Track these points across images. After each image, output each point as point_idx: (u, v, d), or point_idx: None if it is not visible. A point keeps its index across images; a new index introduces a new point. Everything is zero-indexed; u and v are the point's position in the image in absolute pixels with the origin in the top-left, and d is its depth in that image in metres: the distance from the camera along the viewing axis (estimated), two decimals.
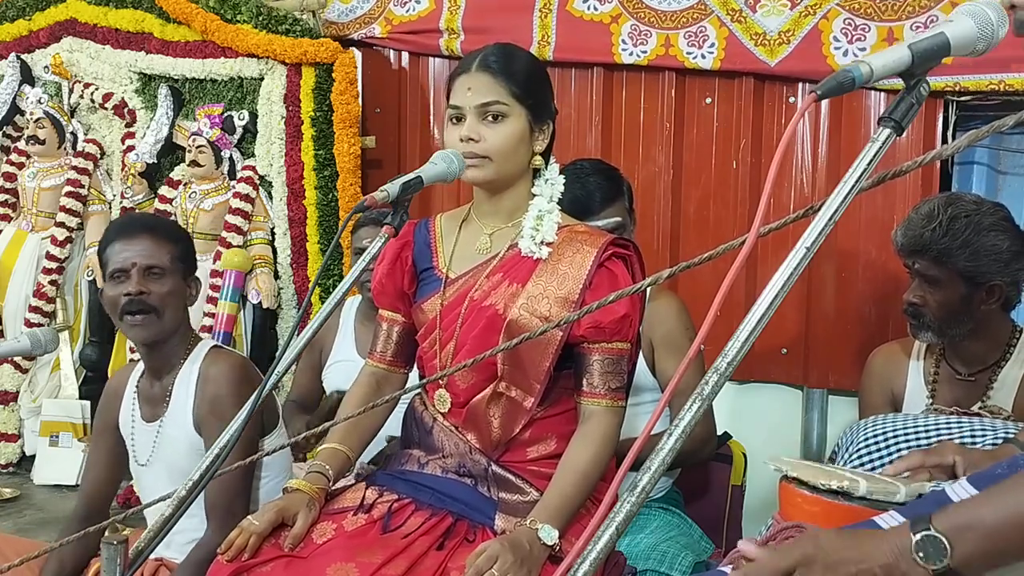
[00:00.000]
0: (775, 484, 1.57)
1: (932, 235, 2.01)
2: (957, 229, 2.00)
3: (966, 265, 2.01)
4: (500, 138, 1.71)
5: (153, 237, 2.11)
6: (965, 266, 2.01)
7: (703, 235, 3.23)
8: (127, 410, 2.21)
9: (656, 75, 3.24)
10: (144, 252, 2.09)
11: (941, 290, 2.05)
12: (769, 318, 0.96)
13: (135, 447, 2.19)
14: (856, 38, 2.92)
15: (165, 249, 2.11)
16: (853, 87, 1.02)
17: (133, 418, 2.19)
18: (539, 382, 1.72)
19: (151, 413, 2.17)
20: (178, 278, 2.13)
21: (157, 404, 2.16)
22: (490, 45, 1.79)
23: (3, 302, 4.10)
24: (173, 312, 2.12)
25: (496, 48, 1.77)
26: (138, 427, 2.18)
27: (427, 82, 3.69)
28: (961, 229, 2.00)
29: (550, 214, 1.76)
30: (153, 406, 2.17)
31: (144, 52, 3.91)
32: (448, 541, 1.65)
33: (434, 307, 1.79)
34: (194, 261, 2.22)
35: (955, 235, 2.00)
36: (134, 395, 2.21)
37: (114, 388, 2.27)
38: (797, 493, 1.49)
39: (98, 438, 2.28)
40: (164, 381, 2.16)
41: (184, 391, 2.12)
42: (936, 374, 2.20)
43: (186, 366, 2.14)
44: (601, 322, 1.69)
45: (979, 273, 2.02)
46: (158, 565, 2.06)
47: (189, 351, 2.16)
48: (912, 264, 2.08)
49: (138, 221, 2.28)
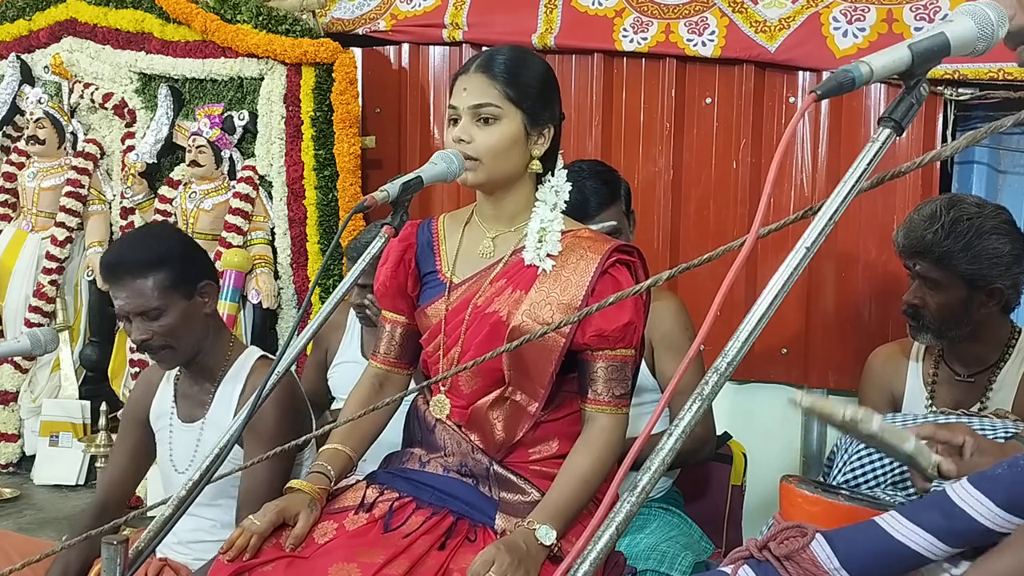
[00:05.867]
0: (775, 484, 1.58)
1: (934, 237, 2.00)
2: (959, 232, 1.99)
3: (967, 268, 1.99)
4: (490, 140, 1.69)
5: (134, 278, 1.98)
6: (966, 269, 2.00)
7: (703, 235, 3.23)
8: (163, 405, 2.16)
9: (656, 64, 3.25)
10: (131, 298, 1.99)
11: (941, 292, 2.04)
12: (769, 318, 0.96)
13: (172, 450, 2.13)
14: (856, 18, 2.94)
15: (149, 286, 1.98)
16: (853, 87, 1.02)
17: (171, 415, 2.14)
18: (544, 387, 1.71)
19: (189, 413, 2.12)
20: (178, 303, 2.01)
21: (197, 406, 2.11)
22: (497, 47, 1.77)
23: (3, 302, 4.11)
24: (189, 334, 2.04)
25: (502, 50, 1.75)
26: (176, 427, 2.13)
27: (427, 82, 3.69)
28: (963, 232, 1.99)
29: (553, 224, 1.73)
30: (192, 407, 2.12)
31: (144, 52, 3.92)
32: (449, 541, 1.65)
33: (438, 312, 1.79)
34: (195, 269, 2.07)
35: (957, 238, 1.99)
36: (172, 391, 2.16)
37: (148, 380, 2.21)
38: (797, 493, 1.49)
39: (126, 431, 2.23)
40: (206, 384, 2.11)
41: (227, 399, 2.07)
42: (935, 375, 2.19)
43: (231, 374, 2.09)
44: (605, 330, 1.68)
45: (980, 276, 2.00)
46: (162, 565, 2.05)
47: (232, 357, 2.11)
48: (913, 265, 2.07)
49: (116, 262, 2.04)
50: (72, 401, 3.95)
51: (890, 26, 2.91)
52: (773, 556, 1.27)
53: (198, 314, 2.06)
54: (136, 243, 2.08)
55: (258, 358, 2.13)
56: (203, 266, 2.11)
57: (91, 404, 3.85)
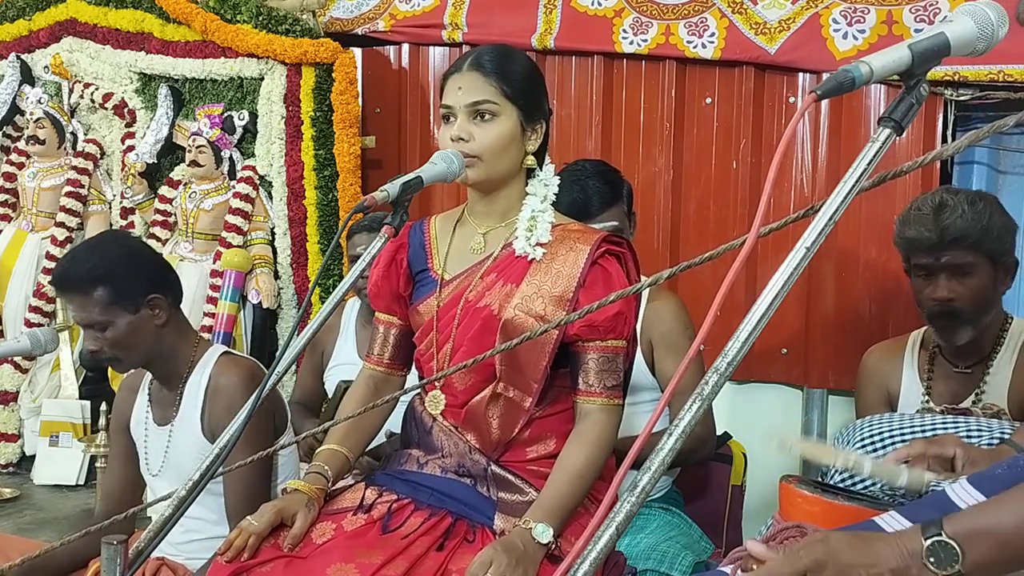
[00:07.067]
0: (775, 484, 1.57)
1: (964, 222, 2.02)
2: (980, 211, 2.03)
3: (991, 246, 2.04)
4: (490, 138, 1.70)
5: (78, 292, 2.01)
6: (991, 247, 2.04)
7: (703, 235, 3.23)
8: (140, 411, 2.19)
9: (656, 66, 3.25)
10: (77, 311, 2.02)
11: (974, 277, 2.05)
12: (769, 318, 0.96)
13: (147, 454, 2.16)
14: (856, 20, 2.94)
15: (93, 301, 1.99)
16: (853, 87, 1.02)
17: (146, 420, 2.17)
18: (537, 382, 1.72)
19: (162, 416, 2.16)
20: (124, 317, 2.02)
21: (167, 408, 2.14)
22: (484, 46, 1.78)
23: (3, 302, 4.11)
24: (137, 345, 2.05)
25: (489, 48, 1.76)
26: (151, 430, 2.16)
27: (427, 82, 3.69)
28: (982, 211, 2.03)
29: (544, 214, 1.75)
30: (164, 409, 2.15)
31: (144, 52, 3.92)
32: (448, 541, 1.65)
33: (430, 309, 1.79)
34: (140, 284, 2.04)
35: (979, 218, 2.03)
36: (147, 396, 2.19)
37: (128, 386, 2.24)
38: (797, 493, 1.49)
39: (114, 438, 2.26)
40: (173, 386, 2.14)
41: (193, 398, 2.10)
42: (931, 370, 2.20)
43: (195, 373, 2.12)
44: (595, 320, 1.68)
45: (1000, 252, 2.06)
46: (159, 564, 2.05)
47: (195, 357, 2.13)
48: (936, 260, 2.06)
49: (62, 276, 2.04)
50: (72, 401, 3.95)
51: (890, 28, 2.91)
52: None
53: (147, 326, 2.06)
54: (81, 257, 2.06)
55: (221, 354, 2.15)
56: (150, 280, 2.09)
57: (91, 404, 3.84)
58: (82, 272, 2.02)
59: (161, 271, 2.15)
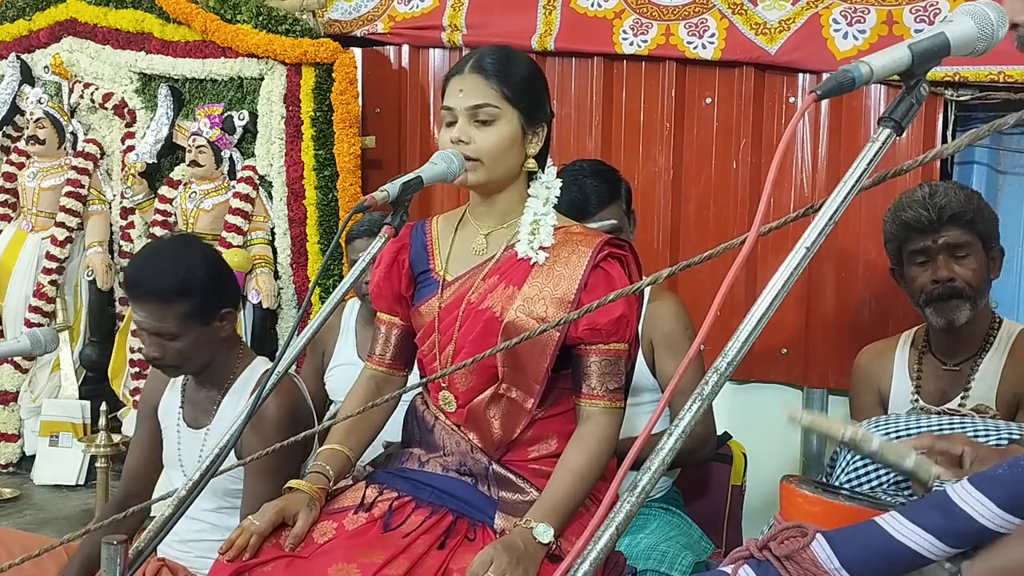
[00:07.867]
0: (775, 484, 1.57)
1: (958, 202, 2.06)
2: (969, 194, 2.09)
3: (983, 228, 2.09)
4: (491, 141, 1.70)
5: (155, 302, 1.95)
6: (983, 229, 2.09)
7: (703, 235, 3.23)
8: (170, 404, 2.17)
9: (656, 67, 3.25)
10: (148, 319, 1.96)
11: (972, 256, 2.09)
12: (769, 318, 0.96)
13: (181, 455, 2.14)
14: (856, 20, 2.94)
15: (171, 313, 1.94)
16: (853, 87, 1.02)
17: (178, 417, 2.15)
18: (538, 383, 1.72)
19: (195, 419, 2.12)
20: (196, 330, 1.98)
21: (202, 413, 2.11)
22: (486, 47, 1.78)
23: (3, 302, 4.10)
24: (200, 357, 2.03)
25: (491, 50, 1.76)
26: (183, 432, 2.13)
27: (427, 82, 3.69)
28: (971, 194, 2.10)
29: (546, 217, 1.74)
30: (197, 413, 2.12)
31: (144, 52, 3.91)
32: (449, 540, 1.65)
33: (432, 310, 1.79)
34: (219, 298, 2.02)
35: (971, 199, 2.08)
36: (180, 394, 2.16)
37: (158, 375, 2.19)
38: (798, 493, 1.49)
39: (140, 420, 2.24)
40: (211, 392, 2.11)
41: (231, 411, 2.05)
42: (920, 368, 2.21)
43: (238, 384, 2.09)
44: (598, 323, 1.68)
45: (989, 235, 2.11)
46: (160, 565, 2.05)
47: (240, 367, 2.10)
48: (934, 242, 2.08)
49: (139, 282, 1.98)
50: (72, 401, 3.95)
51: (890, 28, 2.91)
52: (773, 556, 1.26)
53: (213, 338, 2.03)
54: (165, 268, 1.98)
55: (266, 370, 2.12)
56: (228, 294, 2.07)
57: (91, 404, 3.84)
58: (166, 283, 1.95)
59: (234, 283, 2.13)
